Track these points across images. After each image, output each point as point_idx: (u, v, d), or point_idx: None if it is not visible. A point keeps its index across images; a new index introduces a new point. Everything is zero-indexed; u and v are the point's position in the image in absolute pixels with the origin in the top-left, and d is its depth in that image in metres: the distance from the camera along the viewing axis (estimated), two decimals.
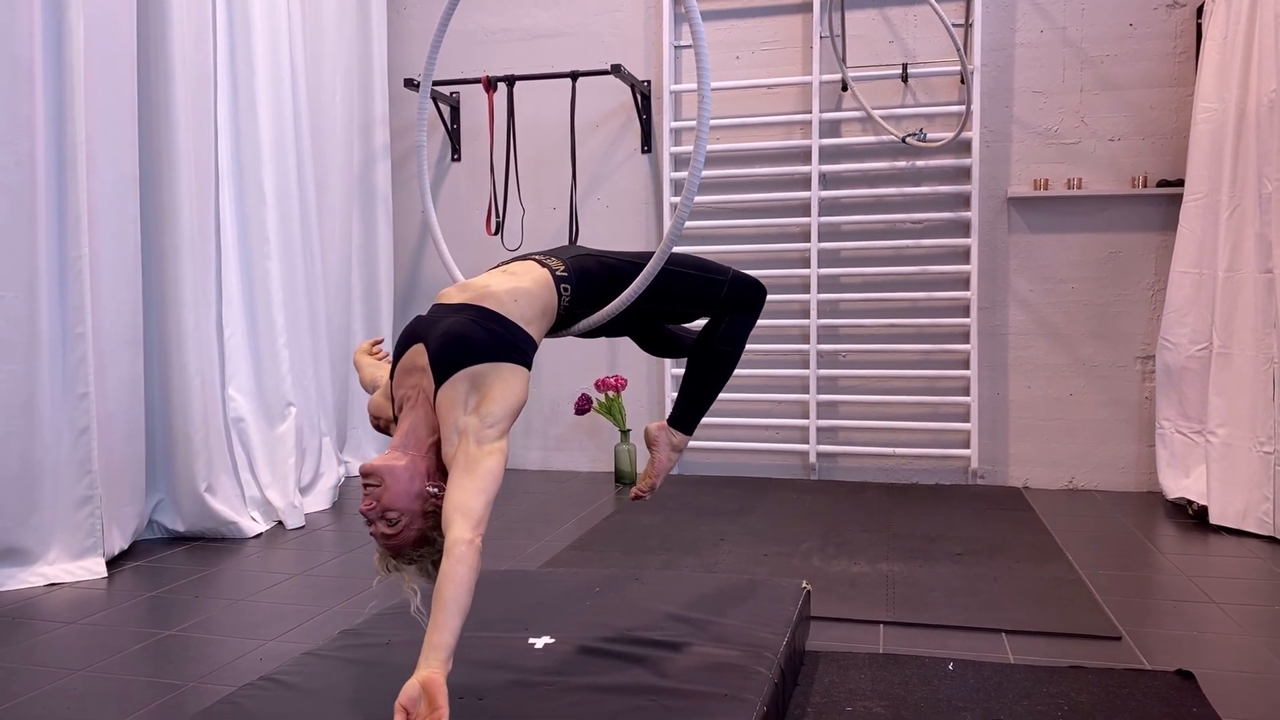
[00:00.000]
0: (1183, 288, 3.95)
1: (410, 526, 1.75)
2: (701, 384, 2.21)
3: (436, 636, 1.57)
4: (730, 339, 2.16)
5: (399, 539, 1.75)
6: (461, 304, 1.87)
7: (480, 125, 4.88)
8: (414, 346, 1.83)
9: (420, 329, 1.86)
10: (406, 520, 1.74)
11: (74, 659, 2.48)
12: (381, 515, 1.73)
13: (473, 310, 1.85)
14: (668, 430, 2.23)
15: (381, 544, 1.77)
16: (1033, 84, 4.41)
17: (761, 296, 2.18)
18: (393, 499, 1.72)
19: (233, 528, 3.65)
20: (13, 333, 3.04)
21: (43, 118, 3.09)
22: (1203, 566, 3.23)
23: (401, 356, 1.85)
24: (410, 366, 1.83)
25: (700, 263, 2.16)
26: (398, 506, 1.73)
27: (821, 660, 2.38)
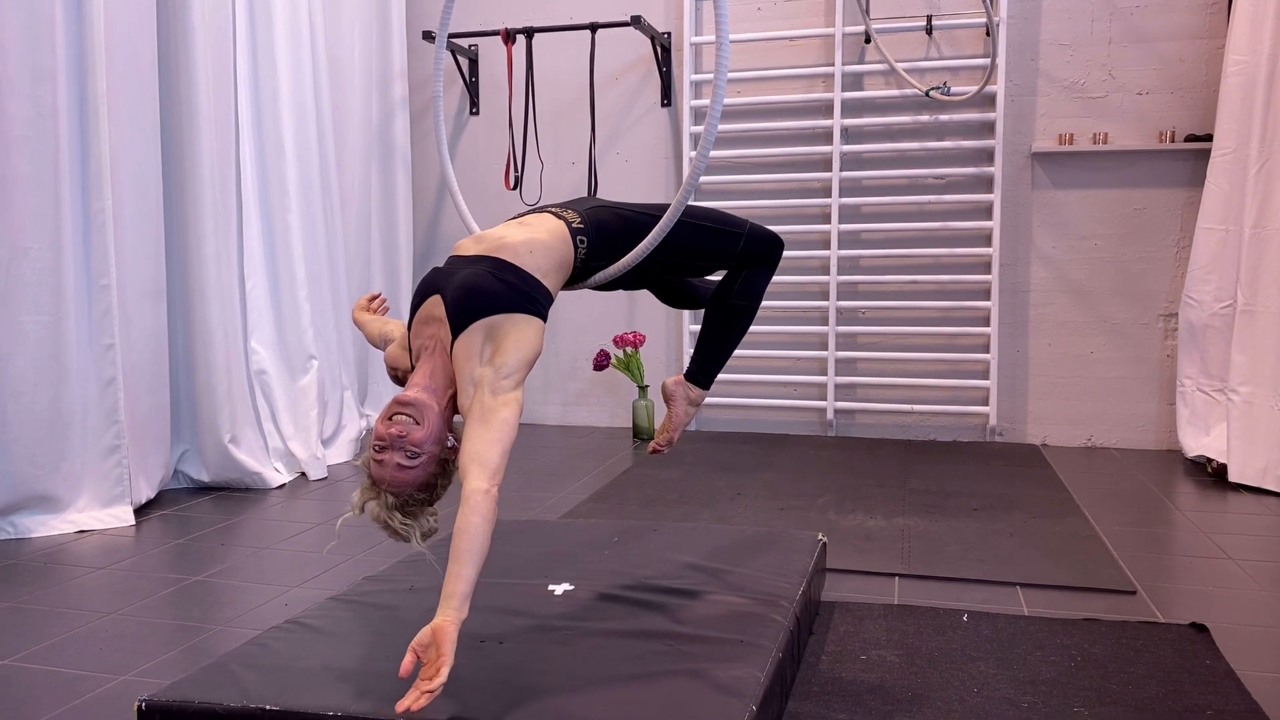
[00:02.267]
0: (1208, 244, 3.90)
1: (425, 467, 1.74)
2: (718, 339, 2.19)
3: (450, 585, 1.59)
4: (747, 293, 2.15)
5: (409, 476, 1.72)
6: (477, 255, 1.87)
7: (499, 78, 4.85)
8: (431, 298, 1.84)
9: (437, 281, 1.86)
10: (425, 460, 1.73)
11: (105, 603, 2.54)
12: (404, 446, 1.71)
13: (489, 262, 1.85)
14: (684, 385, 2.23)
15: (388, 475, 1.71)
16: (1059, 36, 4.34)
17: (779, 250, 2.17)
18: (423, 436, 1.72)
19: (257, 478, 3.71)
20: (39, 284, 3.08)
21: (64, 69, 3.10)
22: (1220, 523, 3.23)
23: (419, 308, 1.86)
24: (427, 317, 1.83)
25: (717, 215, 2.14)
26: (424, 444, 1.72)
27: (837, 610, 2.41)
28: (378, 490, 1.74)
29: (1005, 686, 1.99)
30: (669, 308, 4.85)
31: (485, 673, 1.74)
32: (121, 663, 2.16)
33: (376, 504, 1.74)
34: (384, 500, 1.74)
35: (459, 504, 1.67)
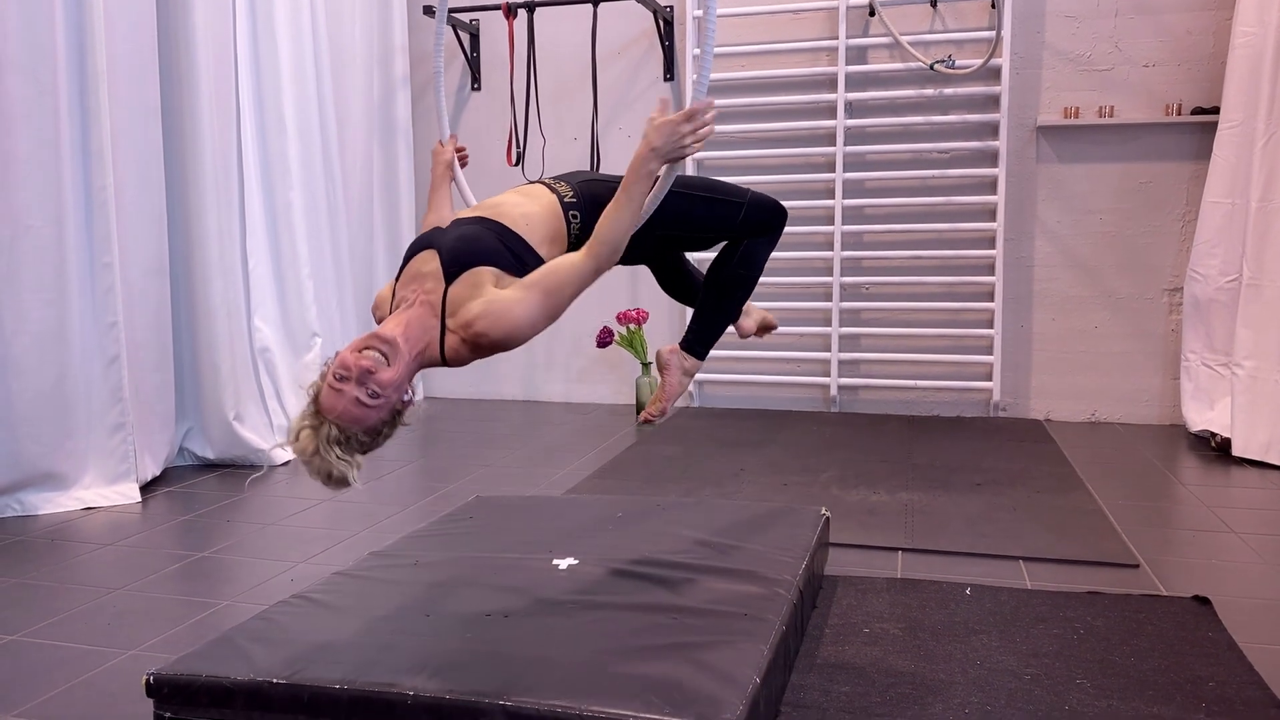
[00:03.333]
0: (1214, 218, 3.88)
1: (379, 411, 1.67)
2: (716, 308, 2.17)
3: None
4: (747, 262, 2.12)
5: (361, 414, 1.64)
6: (477, 217, 1.86)
7: (500, 53, 4.82)
8: (423, 253, 1.80)
9: (433, 237, 1.83)
10: (383, 404, 1.66)
11: (112, 579, 2.55)
12: (367, 383, 1.63)
13: (490, 223, 1.83)
14: (680, 354, 2.20)
15: (340, 408, 1.63)
16: (1065, 8, 4.30)
17: (781, 219, 2.14)
18: (389, 378, 1.65)
19: (261, 455, 3.72)
20: (42, 263, 3.07)
21: (63, 47, 3.08)
22: (1223, 497, 3.23)
23: (408, 264, 1.82)
24: (416, 272, 1.79)
25: (718, 185, 2.11)
26: (387, 387, 1.65)
27: (840, 585, 2.42)
28: (321, 420, 1.64)
29: (1008, 659, 2.00)
30: None
31: (489, 646, 1.75)
32: (129, 638, 2.17)
33: (314, 435, 1.64)
34: (326, 432, 1.64)
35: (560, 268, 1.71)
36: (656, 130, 1.68)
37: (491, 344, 1.70)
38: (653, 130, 1.68)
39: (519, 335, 1.69)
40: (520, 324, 1.68)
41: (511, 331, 1.68)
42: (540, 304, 1.69)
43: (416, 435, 4.39)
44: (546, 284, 1.71)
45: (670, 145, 1.67)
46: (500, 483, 3.49)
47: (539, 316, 1.69)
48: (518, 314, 1.67)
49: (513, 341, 1.70)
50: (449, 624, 1.86)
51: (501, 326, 1.68)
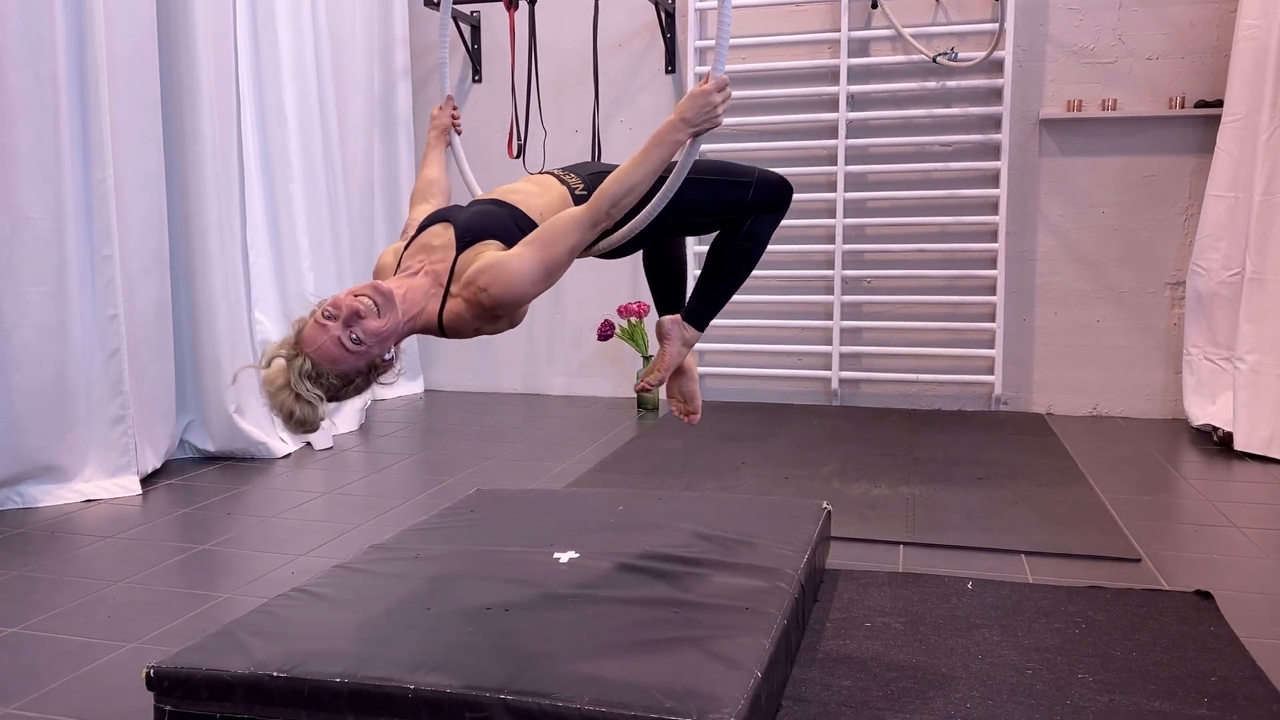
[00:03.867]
0: (1217, 211, 3.87)
1: (357, 359, 1.66)
2: (719, 280, 2.14)
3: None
4: (753, 236, 2.10)
5: (339, 356, 1.63)
6: (495, 199, 1.89)
7: (501, 45, 4.80)
8: (435, 225, 1.83)
9: (449, 213, 1.87)
10: (363, 353, 1.65)
11: (112, 571, 2.55)
12: (352, 327, 1.63)
13: (504, 204, 1.87)
14: (681, 325, 2.18)
15: (320, 343, 1.62)
16: (1069, 0, 4.28)
17: (788, 195, 2.10)
18: (376, 328, 1.65)
19: (262, 448, 3.71)
20: (42, 255, 3.07)
21: (63, 38, 3.07)
22: (1225, 491, 3.22)
23: (419, 235, 1.84)
24: (426, 244, 1.81)
25: (724, 167, 2.09)
26: (372, 337, 1.65)
27: (842, 578, 2.42)
28: (298, 351, 1.64)
29: (1010, 653, 2.00)
30: None
31: (491, 640, 1.75)
32: (129, 630, 2.17)
33: (286, 366, 1.63)
34: (300, 365, 1.62)
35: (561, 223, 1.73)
36: (689, 100, 1.71)
37: (494, 301, 1.69)
38: (686, 101, 1.72)
39: (518, 289, 1.69)
40: (518, 276, 1.68)
41: (510, 284, 1.68)
42: (538, 256, 1.70)
43: (417, 428, 4.39)
44: (544, 236, 1.72)
45: (702, 116, 1.71)
46: (501, 476, 3.48)
47: (538, 270, 1.69)
48: (516, 266, 1.68)
49: (512, 296, 1.69)
50: (450, 618, 1.86)
51: (501, 280, 1.68)
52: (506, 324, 1.78)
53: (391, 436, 4.19)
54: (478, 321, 1.74)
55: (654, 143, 1.73)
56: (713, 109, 1.71)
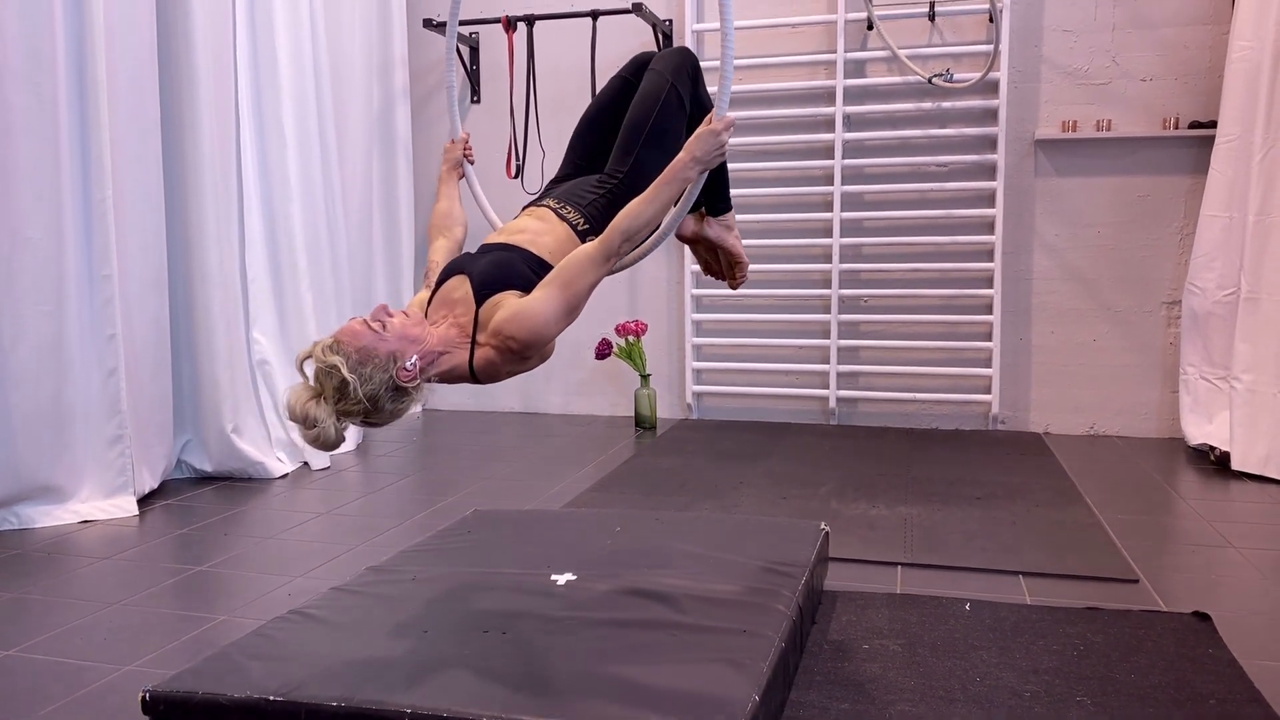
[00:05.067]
0: (1212, 231, 3.89)
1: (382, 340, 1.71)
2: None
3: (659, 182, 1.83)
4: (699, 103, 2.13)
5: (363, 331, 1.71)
6: (507, 244, 1.92)
7: (499, 66, 4.83)
8: (453, 279, 1.89)
9: (464, 263, 1.92)
10: (387, 336, 1.72)
11: (108, 593, 2.54)
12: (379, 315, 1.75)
13: (514, 249, 1.92)
14: (714, 221, 2.29)
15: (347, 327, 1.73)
16: (1063, 22, 4.31)
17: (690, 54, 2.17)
18: (400, 322, 1.75)
19: (259, 468, 3.71)
20: (41, 274, 3.07)
21: (63, 57, 3.08)
22: (1223, 512, 3.23)
23: (439, 290, 1.90)
24: (447, 297, 1.87)
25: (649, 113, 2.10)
26: (396, 327, 1.74)
27: (839, 600, 2.41)
28: (335, 340, 1.71)
29: (1008, 676, 1.99)
30: (670, 298, 4.85)
31: (487, 663, 1.74)
32: (125, 653, 2.16)
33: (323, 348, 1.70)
34: (334, 345, 1.69)
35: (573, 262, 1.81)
36: (699, 139, 1.83)
37: (521, 345, 1.77)
38: (695, 140, 1.82)
39: (543, 332, 1.77)
40: (542, 319, 1.76)
41: (535, 329, 1.76)
42: (558, 297, 1.78)
43: (415, 447, 4.39)
44: (562, 278, 1.80)
45: (712, 154, 1.83)
46: (499, 496, 3.48)
47: (559, 310, 1.78)
48: (537, 310, 1.76)
49: (538, 339, 1.78)
50: (447, 640, 1.86)
51: (525, 324, 1.76)
52: (537, 362, 1.85)
53: (389, 456, 4.19)
54: (509, 365, 1.81)
55: (666, 180, 1.83)
56: (721, 146, 1.83)
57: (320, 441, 1.69)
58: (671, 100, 2.08)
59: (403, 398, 1.75)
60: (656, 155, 2.01)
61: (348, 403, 1.68)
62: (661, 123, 2.07)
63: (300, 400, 1.68)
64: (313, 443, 1.69)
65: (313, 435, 1.68)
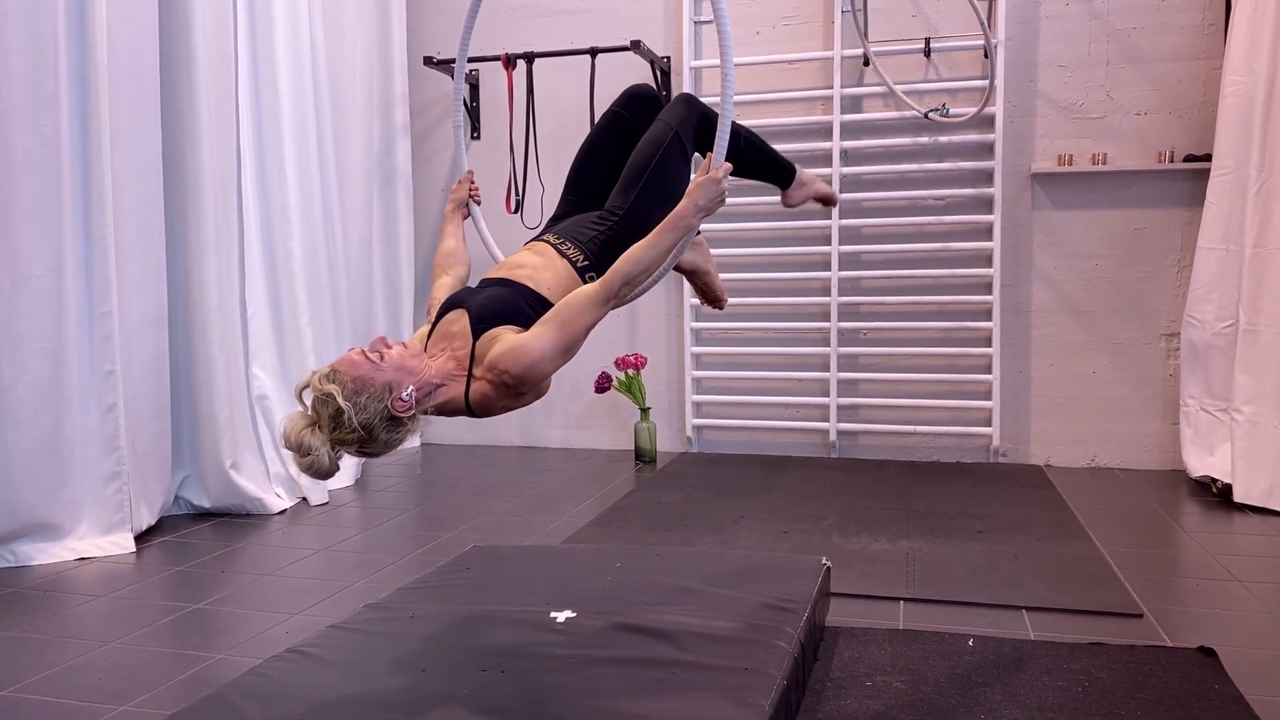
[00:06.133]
0: (1209, 264, 3.90)
1: (379, 370, 1.73)
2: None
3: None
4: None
5: (360, 360, 1.73)
6: (506, 279, 1.93)
7: (499, 103, 4.88)
8: (454, 312, 1.91)
9: (463, 297, 1.94)
10: (383, 366, 1.74)
11: (104, 631, 2.52)
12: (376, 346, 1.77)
13: (512, 284, 1.93)
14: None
15: (344, 357, 1.76)
16: (1057, 58, 4.36)
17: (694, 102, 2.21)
18: (397, 353, 1.77)
19: (258, 504, 3.70)
20: (41, 311, 3.08)
21: (66, 96, 3.11)
22: (1226, 544, 3.21)
23: (438, 324, 1.92)
24: (445, 331, 1.89)
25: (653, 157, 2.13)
26: (392, 358, 1.76)
27: (842, 636, 2.39)
28: (332, 369, 1.73)
29: (1012, 712, 1.97)
30: (670, 331, 4.86)
31: (486, 702, 1.72)
32: (121, 693, 2.14)
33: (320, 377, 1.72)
34: (331, 374, 1.72)
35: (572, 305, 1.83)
36: (700, 187, 1.85)
37: (516, 380, 1.78)
38: (696, 188, 1.85)
39: (538, 368, 1.78)
40: (537, 356, 1.77)
41: (531, 365, 1.77)
42: (555, 336, 1.79)
43: (414, 482, 4.37)
44: (560, 316, 1.82)
45: (714, 202, 1.86)
46: (498, 531, 3.46)
47: (555, 348, 1.79)
48: (534, 346, 1.77)
49: (532, 375, 1.78)
50: (445, 679, 1.84)
51: (521, 360, 1.76)
52: (532, 398, 1.85)
53: (388, 491, 4.17)
54: (503, 400, 1.82)
55: (667, 227, 1.85)
56: (721, 193, 1.86)
57: (314, 469, 1.70)
58: (675, 146, 2.12)
59: (398, 428, 1.75)
60: (657, 195, 2.04)
61: (342, 431, 1.70)
62: (663, 165, 2.10)
63: (296, 428, 1.70)
64: (306, 470, 1.71)
65: (307, 463, 1.69)
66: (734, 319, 4.74)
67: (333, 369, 1.73)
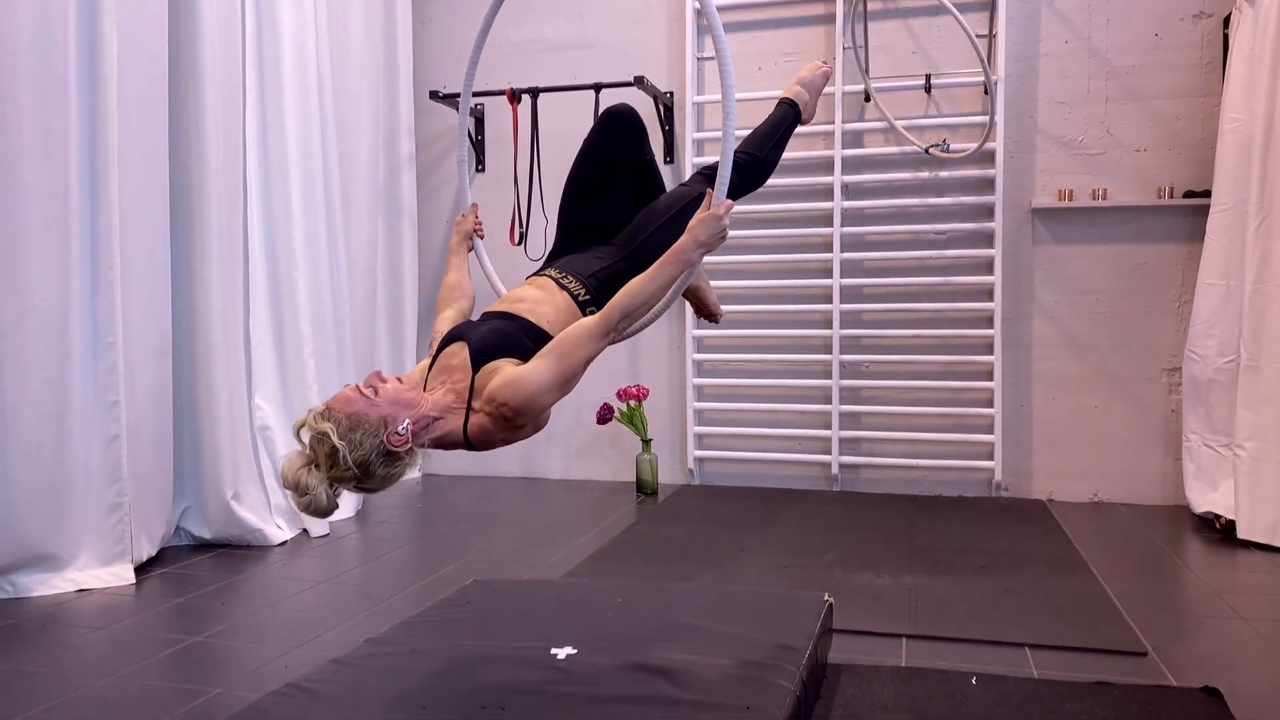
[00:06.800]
0: (1210, 299, 3.91)
1: (373, 406, 1.74)
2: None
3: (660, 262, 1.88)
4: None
5: (355, 397, 1.75)
6: (506, 312, 1.95)
7: (504, 136, 4.92)
8: (454, 344, 1.92)
9: (463, 330, 1.95)
10: (377, 401, 1.75)
11: (103, 665, 2.51)
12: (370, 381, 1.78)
13: (513, 318, 1.94)
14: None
15: (339, 393, 1.77)
16: (1057, 94, 4.40)
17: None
18: (392, 387, 1.78)
19: (258, 535, 3.69)
20: (46, 342, 3.09)
21: (76, 130, 3.14)
22: (1230, 581, 3.19)
23: (439, 356, 1.93)
24: (445, 364, 1.89)
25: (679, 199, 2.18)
26: (387, 393, 1.76)
27: (844, 673, 2.38)
28: (326, 407, 1.75)
29: None
30: (671, 362, 4.86)
31: None
32: None
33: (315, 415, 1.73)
34: (325, 412, 1.73)
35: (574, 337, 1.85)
36: (702, 224, 1.88)
37: (514, 412, 1.78)
38: (698, 224, 1.88)
39: (537, 400, 1.79)
40: (536, 388, 1.78)
41: (530, 397, 1.77)
42: (554, 368, 1.80)
43: (414, 513, 4.36)
44: (559, 349, 1.83)
45: (715, 238, 1.89)
46: (499, 564, 3.45)
47: (554, 380, 1.80)
48: (533, 379, 1.78)
49: (532, 407, 1.79)
50: (445, 717, 1.83)
51: (520, 392, 1.77)
52: (531, 430, 1.85)
53: (389, 523, 4.16)
54: (502, 433, 1.82)
55: (668, 261, 1.87)
56: (723, 230, 1.89)
57: (313, 509, 1.70)
58: (696, 202, 2.11)
59: (395, 463, 1.76)
60: (670, 239, 2.01)
61: (339, 469, 1.71)
62: (682, 214, 2.10)
63: (293, 468, 1.70)
64: (305, 509, 1.71)
65: (305, 502, 1.70)
66: (736, 350, 4.75)
67: (327, 407, 1.75)
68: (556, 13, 4.97)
